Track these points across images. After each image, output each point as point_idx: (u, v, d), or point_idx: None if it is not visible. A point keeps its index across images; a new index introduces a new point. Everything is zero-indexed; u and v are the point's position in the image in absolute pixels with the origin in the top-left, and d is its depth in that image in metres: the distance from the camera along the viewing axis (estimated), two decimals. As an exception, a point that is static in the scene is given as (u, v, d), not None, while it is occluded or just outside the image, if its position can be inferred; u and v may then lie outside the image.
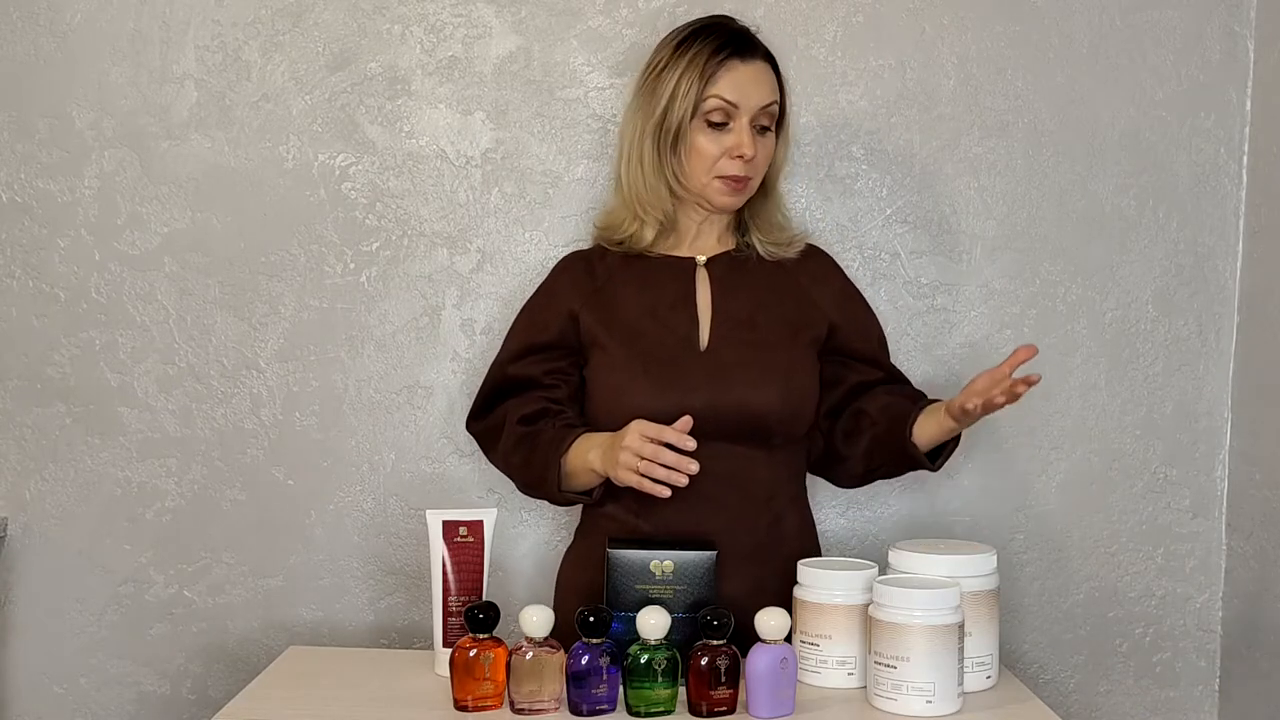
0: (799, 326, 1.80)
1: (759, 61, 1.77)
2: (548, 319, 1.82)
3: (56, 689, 2.13)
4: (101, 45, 2.09)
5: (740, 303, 1.80)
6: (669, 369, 1.74)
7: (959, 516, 2.12)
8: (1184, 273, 2.12)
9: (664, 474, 1.61)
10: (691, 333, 1.77)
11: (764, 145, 1.77)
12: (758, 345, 1.76)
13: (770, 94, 1.76)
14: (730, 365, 1.74)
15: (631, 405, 1.70)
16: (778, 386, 1.74)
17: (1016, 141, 2.10)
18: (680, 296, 1.80)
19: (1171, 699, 2.15)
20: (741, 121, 1.74)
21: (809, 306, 1.83)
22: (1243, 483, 2.10)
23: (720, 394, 1.72)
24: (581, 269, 1.85)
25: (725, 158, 1.75)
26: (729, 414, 1.71)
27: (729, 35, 1.77)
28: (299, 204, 2.10)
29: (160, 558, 2.12)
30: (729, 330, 1.77)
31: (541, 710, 1.47)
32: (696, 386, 1.72)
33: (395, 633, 2.12)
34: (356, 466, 2.11)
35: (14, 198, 2.10)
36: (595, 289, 1.82)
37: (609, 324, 1.78)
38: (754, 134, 1.75)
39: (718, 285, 1.81)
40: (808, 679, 1.58)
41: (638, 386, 1.72)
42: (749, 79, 1.75)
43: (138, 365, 2.10)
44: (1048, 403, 2.12)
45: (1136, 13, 2.09)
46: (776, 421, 1.74)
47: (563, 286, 1.84)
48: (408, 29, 2.09)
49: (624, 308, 1.79)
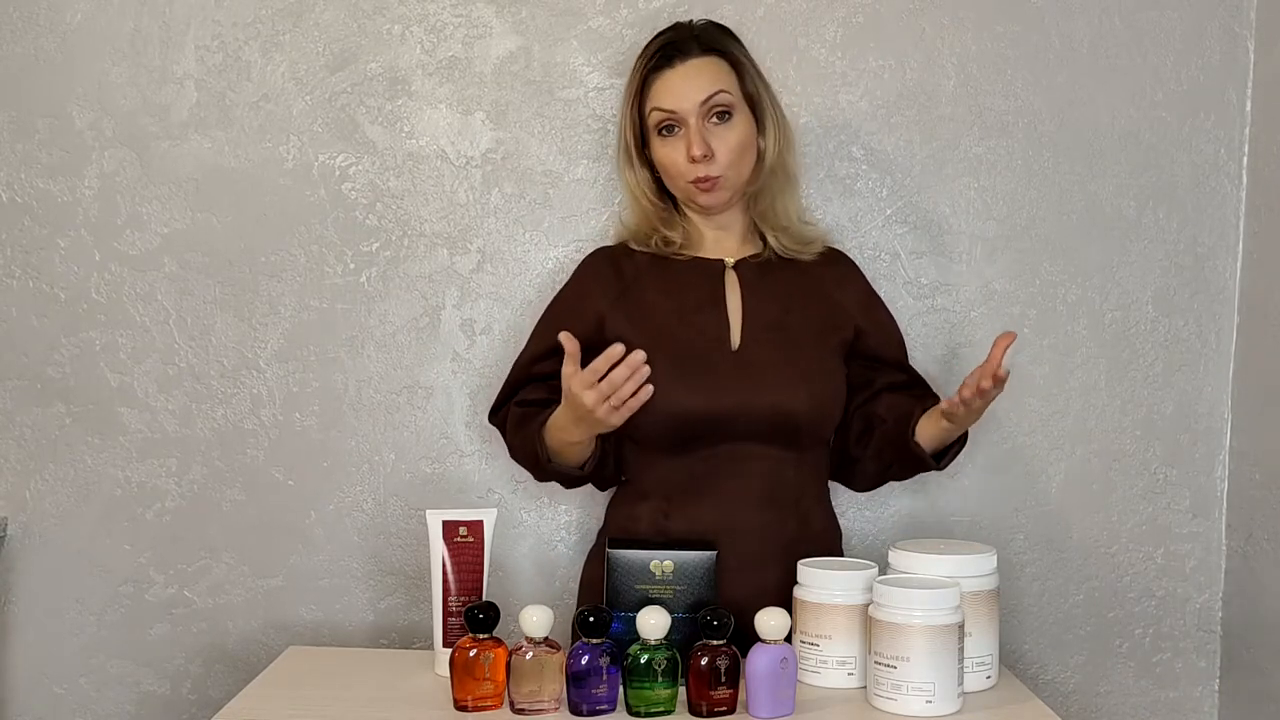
0: (827, 329, 1.82)
1: (694, 59, 1.76)
2: (573, 320, 1.80)
3: (56, 689, 2.13)
4: (101, 45, 2.09)
5: (769, 305, 1.80)
6: (701, 369, 1.74)
7: (959, 516, 2.12)
8: (1184, 273, 2.12)
9: (632, 393, 1.61)
10: (723, 334, 1.78)
11: (723, 136, 1.76)
12: (788, 347, 1.77)
13: (710, 86, 1.75)
14: (762, 366, 1.75)
15: (664, 406, 1.70)
16: (807, 388, 1.75)
17: (1016, 141, 2.10)
18: (710, 298, 1.80)
19: (1171, 699, 2.15)
20: (689, 123, 1.74)
21: (835, 309, 1.84)
22: (1243, 483, 2.10)
23: (751, 394, 1.72)
24: (609, 268, 1.85)
25: (686, 162, 1.76)
26: (760, 414, 1.72)
27: (659, 47, 1.78)
28: (299, 204, 2.10)
29: (160, 558, 2.12)
30: (759, 332, 1.78)
31: (541, 710, 1.47)
32: (728, 387, 1.73)
33: (395, 633, 2.12)
34: (356, 466, 2.11)
35: (14, 198, 2.10)
36: (623, 289, 1.82)
37: (638, 325, 1.78)
38: (705, 130, 1.75)
39: (747, 287, 1.82)
40: (808, 679, 1.58)
41: (670, 387, 1.70)
42: (681, 79, 1.75)
43: (138, 365, 2.10)
44: (1048, 403, 2.12)
45: (1136, 13, 2.09)
46: (806, 423, 1.75)
47: (589, 287, 1.84)
48: (408, 29, 2.09)
49: (653, 309, 1.80)
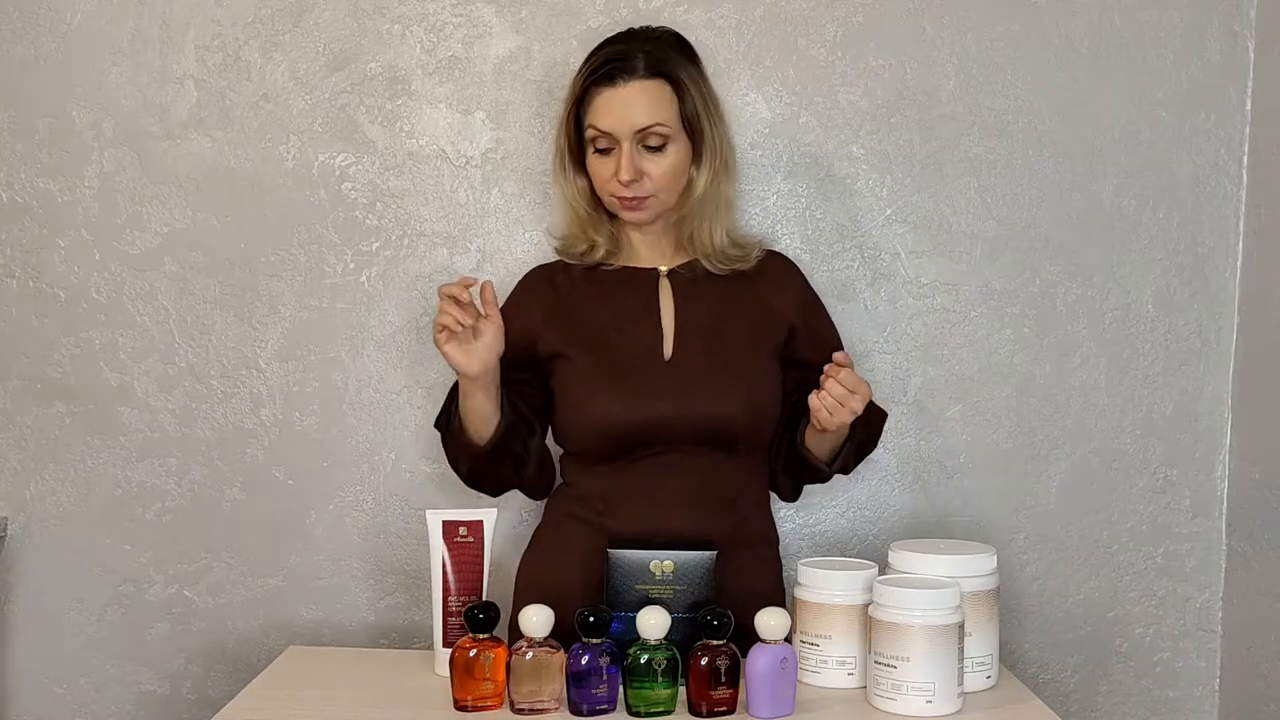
0: (760, 334, 1.80)
1: (635, 83, 1.70)
2: (513, 337, 1.77)
3: (56, 689, 2.13)
4: (101, 45, 2.09)
5: (702, 312, 1.79)
6: (635, 379, 1.74)
7: (959, 516, 2.12)
8: (1184, 273, 2.12)
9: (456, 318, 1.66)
10: (656, 342, 1.77)
11: (656, 161, 1.73)
12: (721, 354, 1.76)
13: (648, 116, 1.70)
14: (694, 374, 1.74)
15: (599, 415, 1.72)
16: (741, 394, 1.74)
17: (1016, 141, 2.10)
18: (643, 307, 1.80)
19: (1171, 699, 2.15)
20: (622, 146, 1.72)
21: (769, 312, 1.82)
22: (1243, 483, 2.10)
23: (686, 402, 1.72)
24: (543, 283, 1.85)
25: (613, 180, 1.74)
26: (695, 421, 1.72)
27: (605, 59, 1.73)
28: (299, 204, 2.10)
29: (160, 558, 2.12)
30: (692, 339, 1.77)
31: (541, 710, 1.47)
32: (663, 395, 1.72)
33: (395, 633, 2.12)
34: (356, 466, 2.11)
35: (14, 198, 2.10)
36: (557, 301, 1.82)
37: (572, 336, 1.78)
38: (636, 154, 1.71)
39: (680, 295, 1.81)
40: (808, 679, 1.59)
41: (605, 397, 1.73)
42: (621, 103, 1.70)
43: (138, 365, 2.10)
44: (1048, 403, 2.12)
45: (1136, 13, 2.09)
46: (740, 428, 1.75)
47: (524, 303, 1.84)
48: (408, 29, 2.09)
49: (587, 319, 1.79)
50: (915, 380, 2.10)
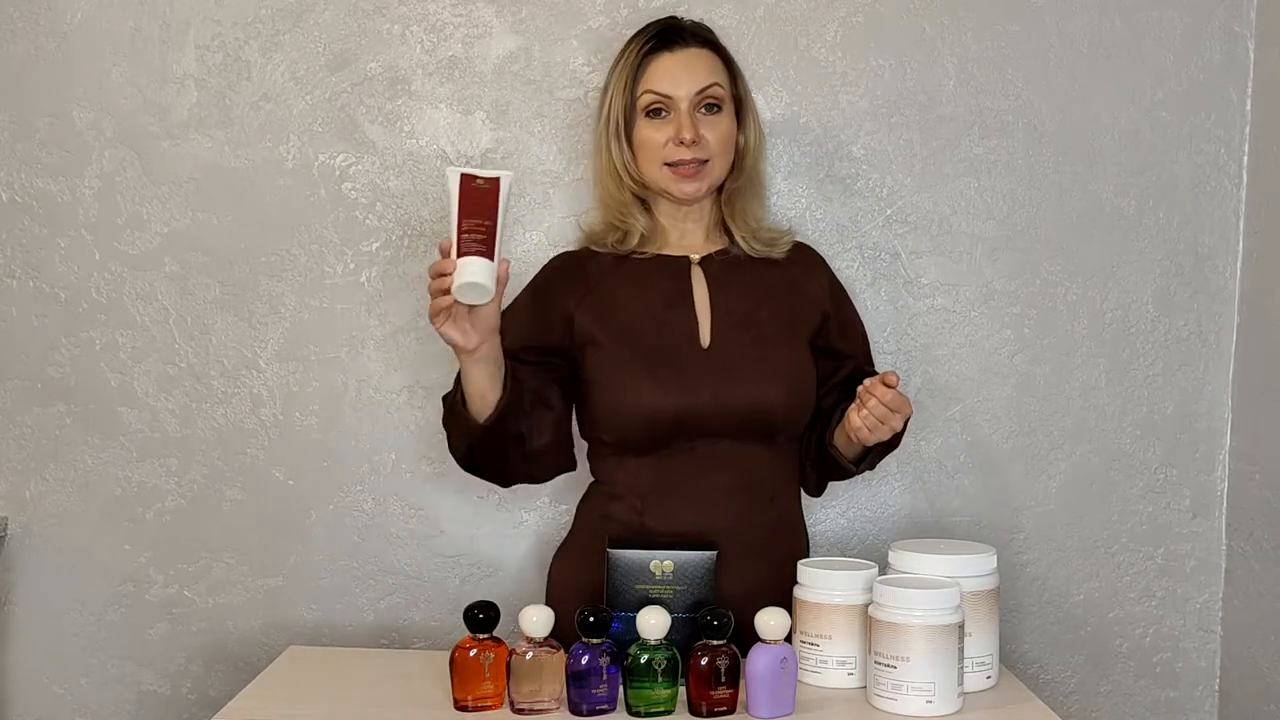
0: (796, 322, 1.80)
1: (692, 49, 1.77)
2: (540, 323, 1.78)
3: (56, 689, 2.13)
4: (101, 45, 2.09)
5: (738, 300, 1.79)
6: (672, 367, 1.73)
7: (959, 516, 2.12)
8: (1184, 273, 2.12)
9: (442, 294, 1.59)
10: (692, 331, 1.76)
11: (713, 126, 1.76)
12: (760, 342, 1.76)
13: (706, 77, 1.76)
14: (734, 362, 1.73)
15: (635, 404, 1.70)
16: (782, 383, 1.74)
17: (1016, 141, 2.10)
18: (677, 295, 1.79)
19: (1171, 699, 2.15)
20: (680, 109, 1.75)
21: (803, 300, 1.82)
22: (1243, 483, 2.10)
23: (725, 391, 1.71)
24: (574, 269, 1.83)
25: (670, 145, 1.75)
26: (735, 411, 1.71)
27: (657, 30, 1.79)
28: (299, 204, 2.10)
29: (160, 558, 2.12)
30: (729, 327, 1.76)
31: (541, 710, 1.47)
32: (701, 384, 1.71)
33: (395, 633, 2.12)
34: (356, 466, 2.11)
35: (14, 198, 2.10)
36: (589, 289, 1.80)
37: (606, 324, 1.76)
38: (695, 118, 1.75)
39: (714, 283, 1.80)
40: (808, 679, 1.58)
41: (642, 386, 1.71)
42: (679, 66, 1.76)
43: (138, 365, 2.11)
44: (1048, 403, 2.12)
45: (1136, 13, 2.09)
46: (781, 418, 1.74)
47: (556, 287, 1.81)
48: (408, 29, 2.09)
49: (621, 307, 1.78)
50: (915, 380, 2.10)
